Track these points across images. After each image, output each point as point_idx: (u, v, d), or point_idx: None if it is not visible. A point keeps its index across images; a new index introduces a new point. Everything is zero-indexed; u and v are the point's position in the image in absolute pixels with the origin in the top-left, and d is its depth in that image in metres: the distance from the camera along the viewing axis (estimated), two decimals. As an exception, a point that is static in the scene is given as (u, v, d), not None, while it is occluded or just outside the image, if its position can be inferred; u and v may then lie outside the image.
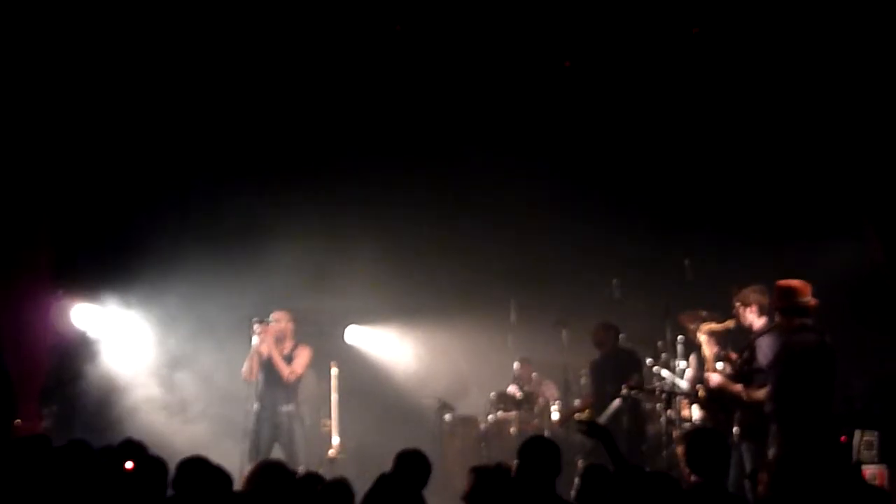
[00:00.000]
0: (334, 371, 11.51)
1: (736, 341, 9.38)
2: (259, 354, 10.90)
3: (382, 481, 6.52)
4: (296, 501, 5.92)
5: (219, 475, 6.00)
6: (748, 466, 8.25)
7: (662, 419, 10.23)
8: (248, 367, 10.94)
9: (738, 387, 8.63)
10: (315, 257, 12.56)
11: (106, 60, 11.27)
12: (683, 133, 12.53)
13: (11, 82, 10.91)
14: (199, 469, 6.00)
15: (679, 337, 11.21)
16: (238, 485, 6.35)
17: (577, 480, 6.52)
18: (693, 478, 6.04)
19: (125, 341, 12.22)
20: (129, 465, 6.16)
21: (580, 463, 10.58)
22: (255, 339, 10.92)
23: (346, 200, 13.12)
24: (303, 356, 11.10)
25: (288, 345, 11.11)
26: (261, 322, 10.94)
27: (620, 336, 11.70)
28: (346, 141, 12.85)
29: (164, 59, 11.50)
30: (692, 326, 10.13)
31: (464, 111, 12.67)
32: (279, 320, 11.07)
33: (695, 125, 12.42)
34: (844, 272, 11.09)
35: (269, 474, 6.17)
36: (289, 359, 11.00)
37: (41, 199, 11.45)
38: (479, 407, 12.79)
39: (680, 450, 6.27)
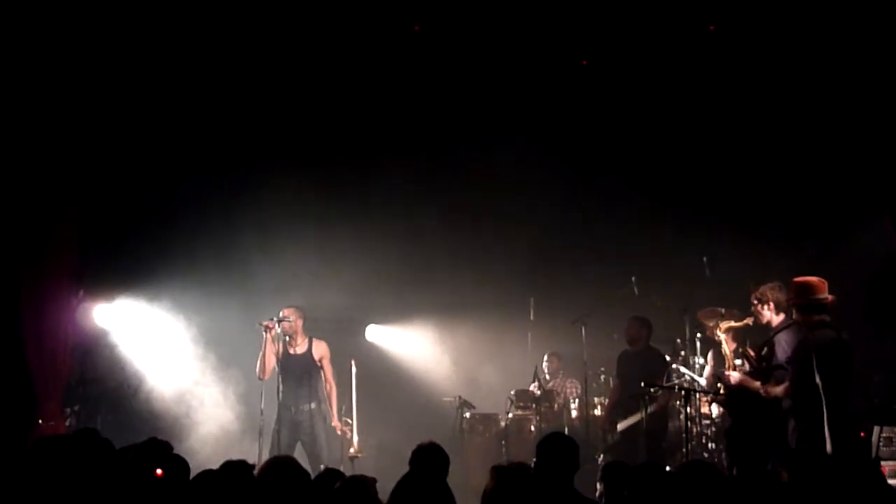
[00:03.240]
0: (354, 370, 11.55)
1: (755, 338, 9.38)
2: (275, 353, 10.93)
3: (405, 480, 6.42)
4: (314, 498, 5.92)
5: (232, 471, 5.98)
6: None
7: (682, 416, 10.19)
8: (260, 365, 10.98)
9: (758, 383, 8.63)
10: (335, 256, 12.62)
11: (128, 61, 11.37)
12: (700, 130, 12.54)
13: (38, 86, 11.05)
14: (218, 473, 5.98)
15: (697, 334, 11.22)
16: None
17: (598, 485, 6.54)
18: (735, 470, 6.12)
19: (146, 340, 12.30)
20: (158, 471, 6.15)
21: (602, 460, 10.60)
22: (266, 338, 10.94)
23: (364, 199, 13.17)
24: (326, 355, 11.20)
25: (300, 341, 11.15)
26: (275, 321, 10.94)
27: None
28: (366, 141, 12.92)
29: (184, 63, 11.58)
30: (710, 324, 10.11)
31: (481, 112, 12.71)
32: (288, 317, 11.01)
33: (711, 122, 12.42)
34: (862, 268, 11.08)
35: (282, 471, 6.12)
36: (305, 357, 11.05)
37: (63, 201, 11.53)
38: (499, 405, 12.81)
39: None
